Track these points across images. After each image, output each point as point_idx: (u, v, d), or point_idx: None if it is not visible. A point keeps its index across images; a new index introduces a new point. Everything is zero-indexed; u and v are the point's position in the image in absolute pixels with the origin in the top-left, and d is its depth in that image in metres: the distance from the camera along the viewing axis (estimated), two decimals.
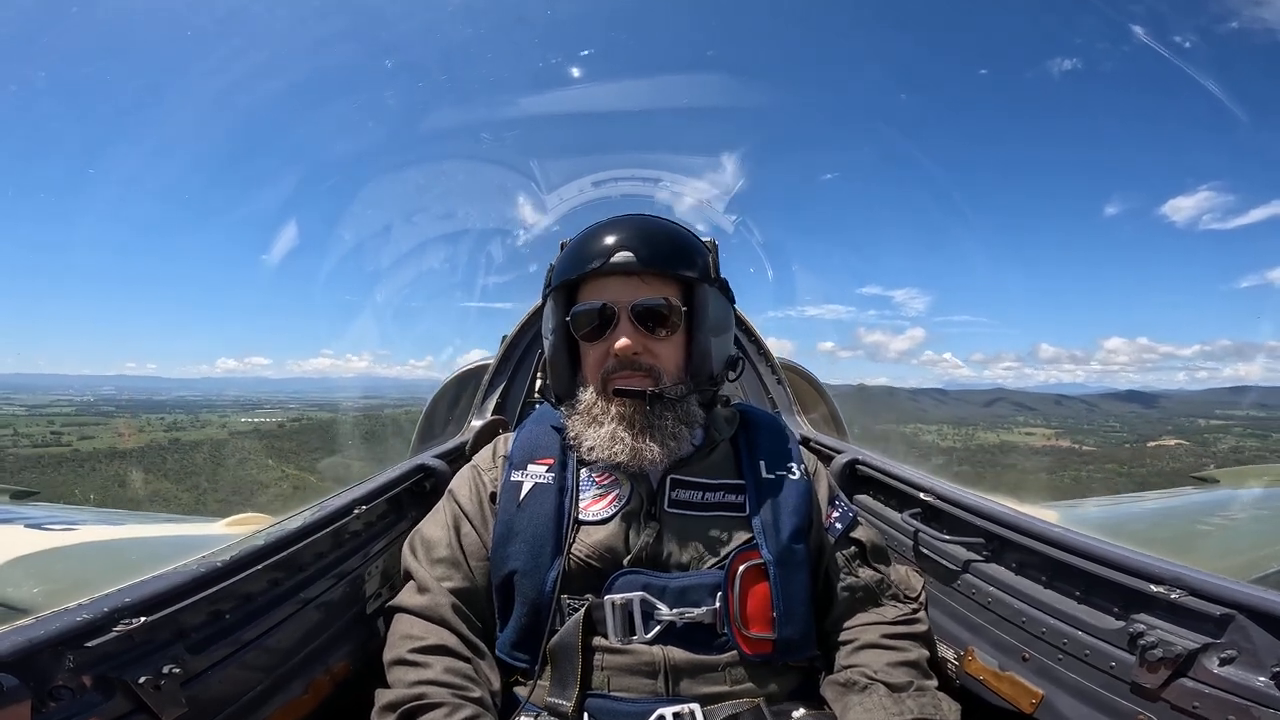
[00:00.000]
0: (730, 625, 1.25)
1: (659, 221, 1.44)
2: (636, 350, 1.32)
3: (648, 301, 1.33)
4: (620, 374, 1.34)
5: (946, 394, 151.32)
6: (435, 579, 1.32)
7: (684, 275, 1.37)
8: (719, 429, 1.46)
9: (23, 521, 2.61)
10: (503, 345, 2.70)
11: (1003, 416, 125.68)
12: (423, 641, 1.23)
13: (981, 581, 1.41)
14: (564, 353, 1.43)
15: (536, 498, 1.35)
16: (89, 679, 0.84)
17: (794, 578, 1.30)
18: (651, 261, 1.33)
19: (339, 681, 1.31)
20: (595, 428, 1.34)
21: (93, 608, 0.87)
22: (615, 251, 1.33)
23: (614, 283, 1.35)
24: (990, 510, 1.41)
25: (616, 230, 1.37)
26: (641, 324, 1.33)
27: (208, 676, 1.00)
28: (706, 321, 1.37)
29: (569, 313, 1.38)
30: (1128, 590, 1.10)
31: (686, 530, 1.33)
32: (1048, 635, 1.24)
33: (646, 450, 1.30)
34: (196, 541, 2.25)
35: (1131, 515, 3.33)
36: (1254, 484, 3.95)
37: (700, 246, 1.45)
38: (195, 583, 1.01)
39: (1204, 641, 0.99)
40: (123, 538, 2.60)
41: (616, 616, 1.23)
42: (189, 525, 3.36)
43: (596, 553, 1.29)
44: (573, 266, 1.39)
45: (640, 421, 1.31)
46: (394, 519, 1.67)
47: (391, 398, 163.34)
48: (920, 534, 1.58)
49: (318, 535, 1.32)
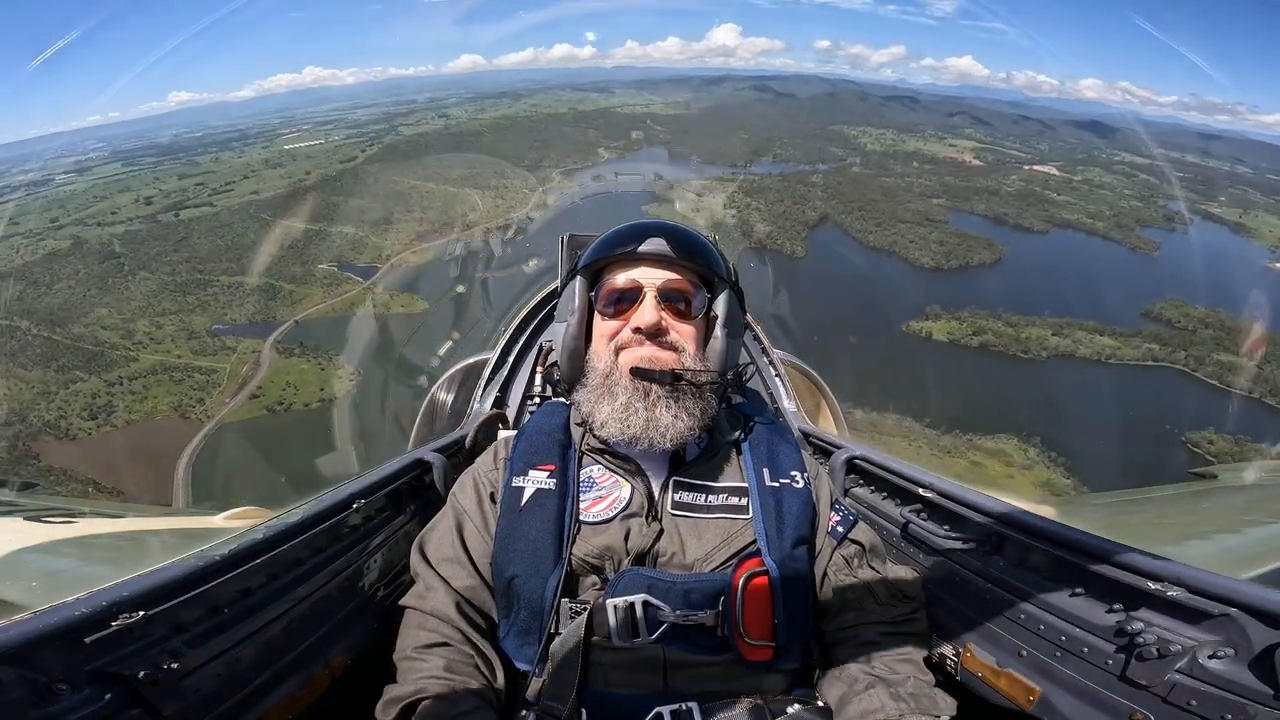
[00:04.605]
0: (732, 632, 1.25)
1: (687, 227, 1.51)
2: (660, 324, 1.36)
3: (674, 283, 1.39)
4: (640, 345, 1.36)
5: (916, 103, 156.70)
6: (440, 579, 1.34)
7: (709, 270, 1.43)
8: (722, 431, 1.48)
9: (22, 514, 2.55)
10: (502, 340, 2.78)
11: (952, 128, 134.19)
12: (428, 639, 1.26)
13: (979, 578, 1.41)
14: (582, 332, 1.47)
15: (538, 503, 1.35)
16: (88, 673, 0.85)
17: (796, 587, 1.32)
18: (681, 252, 1.39)
19: (338, 675, 1.31)
20: (609, 400, 1.35)
21: (91, 602, 0.87)
22: (647, 239, 1.39)
23: (643, 268, 1.40)
24: (988, 506, 1.40)
25: (648, 225, 1.44)
26: (666, 303, 1.38)
27: (206, 671, 1.00)
28: (723, 318, 1.43)
29: (593, 290, 1.45)
30: (1125, 587, 1.10)
31: (689, 532, 1.34)
32: (1045, 632, 1.24)
33: (660, 420, 1.32)
34: (195, 535, 2.31)
35: (1129, 511, 3.22)
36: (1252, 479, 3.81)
37: (722, 254, 1.51)
38: (194, 577, 1.02)
39: (1201, 638, 0.99)
40: (122, 531, 2.54)
41: (619, 620, 1.24)
42: (188, 519, 3.33)
43: (598, 554, 1.30)
44: (605, 249, 1.44)
45: (657, 392, 1.33)
46: (392, 513, 1.65)
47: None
48: (918, 529, 1.57)
49: (316, 530, 1.32)
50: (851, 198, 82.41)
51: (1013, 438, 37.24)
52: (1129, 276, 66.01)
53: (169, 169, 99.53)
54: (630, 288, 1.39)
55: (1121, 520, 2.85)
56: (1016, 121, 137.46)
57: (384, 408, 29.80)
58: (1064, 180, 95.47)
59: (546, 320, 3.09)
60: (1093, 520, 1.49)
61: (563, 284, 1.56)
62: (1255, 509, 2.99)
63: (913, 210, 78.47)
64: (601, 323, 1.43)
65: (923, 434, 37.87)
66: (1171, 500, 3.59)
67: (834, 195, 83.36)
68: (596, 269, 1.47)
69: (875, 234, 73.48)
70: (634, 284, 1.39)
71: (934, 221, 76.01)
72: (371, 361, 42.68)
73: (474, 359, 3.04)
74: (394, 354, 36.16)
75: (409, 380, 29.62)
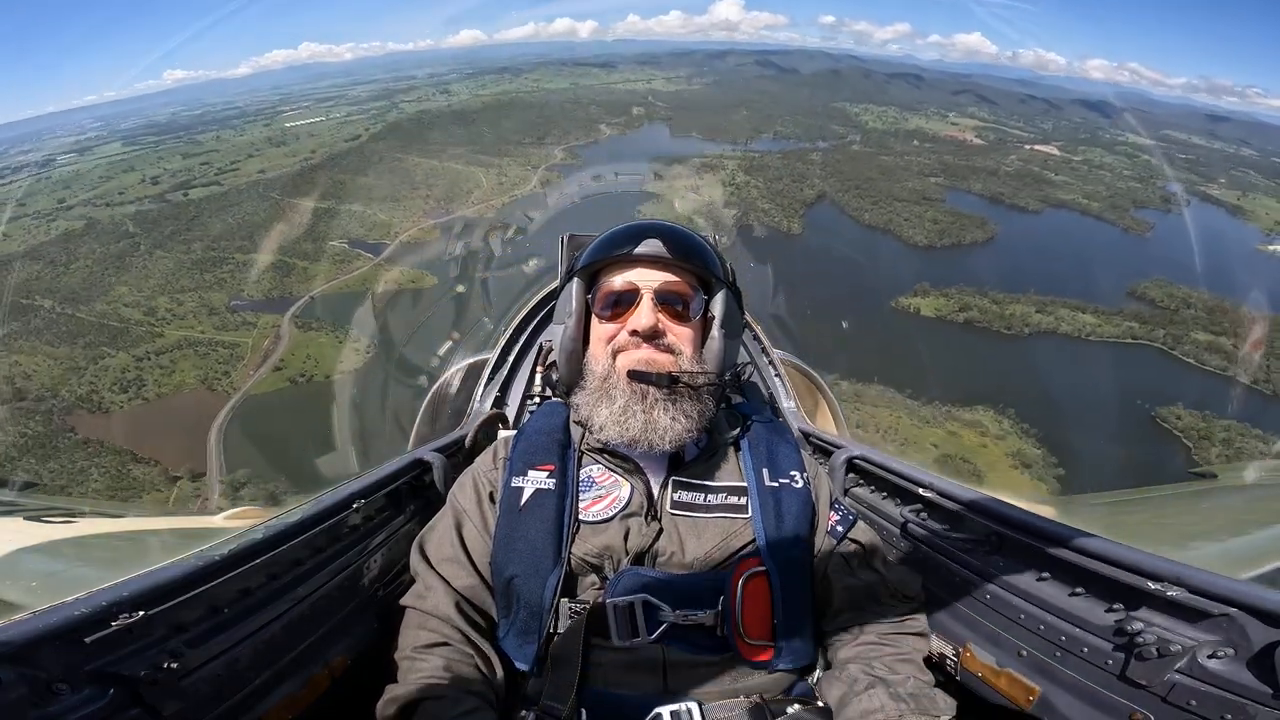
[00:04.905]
0: (731, 632, 1.26)
1: (684, 228, 1.51)
2: (657, 326, 1.36)
3: (671, 285, 1.39)
4: (637, 349, 1.36)
5: (921, 80, 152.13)
6: (440, 578, 1.34)
7: (706, 271, 1.42)
8: (721, 431, 1.48)
9: (22, 514, 2.57)
10: (502, 340, 2.78)
11: (956, 106, 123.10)
12: (428, 639, 1.26)
13: (979, 578, 1.41)
14: (580, 334, 1.47)
15: (537, 503, 1.35)
16: (88, 673, 0.85)
17: (796, 587, 1.32)
18: (677, 253, 1.39)
19: (338, 675, 1.31)
20: (607, 403, 1.36)
21: (91, 602, 0.87)
22: (644, 240, 1.39)
23: (639, 269, 1.40)
24: (988, 506, 1.39)
25: (645, 226, 1.44)
26: (664, 305, 1.38)
27: (206, 671, 1.00)
28: (721, 319, 1.42)
29: (590, 292, 1.44)
30: (1125, 587, 1.10)
31: (688, 532, 1.34)
32: (1045, 632, 1.24)
33: (659, 422, 1.32)
34: (195, 535, 2.29)
35: (1129, 511, 3.23)
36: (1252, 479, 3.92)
37: (719, 254, 1.50)
38: (194, 577, 1.02)
39: (1200, 638, 0.99)
40: (122, 531, 2.54)
41: (619, 619, 1.24)
42: (188, 519, 3.34)
43: (597, 554, 1.30)
44: (602, 251, 1.44)
45: (654, 395, 1.33)
46: (392, 513, 1.65)
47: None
48: (918, 529, 1.57)
49: (316, 530, 1.32)
50: (850, 176, 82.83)
51: (989, 409, 38.42)
52: (1119, 256, 66.45)
53: (171, 148, 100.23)
54: (627, 290, 1.39)
55: (1121, 520, 2.84)
56: (1023, 100, 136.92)
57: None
58: (1063, 160, 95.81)
59: (546, 320, 3.14)
60: (1093, 520, 1.47)
61: (561, 285, 1.56)
62: (1255, 509, 3.01)
63: (909, 189, 78.93)
64: (599, 325, 1.43)
65: (904, 404, 39.22)
66: (1171, 500, 3.63)
67: (832, 173, 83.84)
68: (594, 270, 1.47)
69: (871, 212, 74.00)
70: (631, 286, 1.39)
71: (930, 200, 76.47)
72: (383, 336, 44.12)
73: (474, 359, 3.06)
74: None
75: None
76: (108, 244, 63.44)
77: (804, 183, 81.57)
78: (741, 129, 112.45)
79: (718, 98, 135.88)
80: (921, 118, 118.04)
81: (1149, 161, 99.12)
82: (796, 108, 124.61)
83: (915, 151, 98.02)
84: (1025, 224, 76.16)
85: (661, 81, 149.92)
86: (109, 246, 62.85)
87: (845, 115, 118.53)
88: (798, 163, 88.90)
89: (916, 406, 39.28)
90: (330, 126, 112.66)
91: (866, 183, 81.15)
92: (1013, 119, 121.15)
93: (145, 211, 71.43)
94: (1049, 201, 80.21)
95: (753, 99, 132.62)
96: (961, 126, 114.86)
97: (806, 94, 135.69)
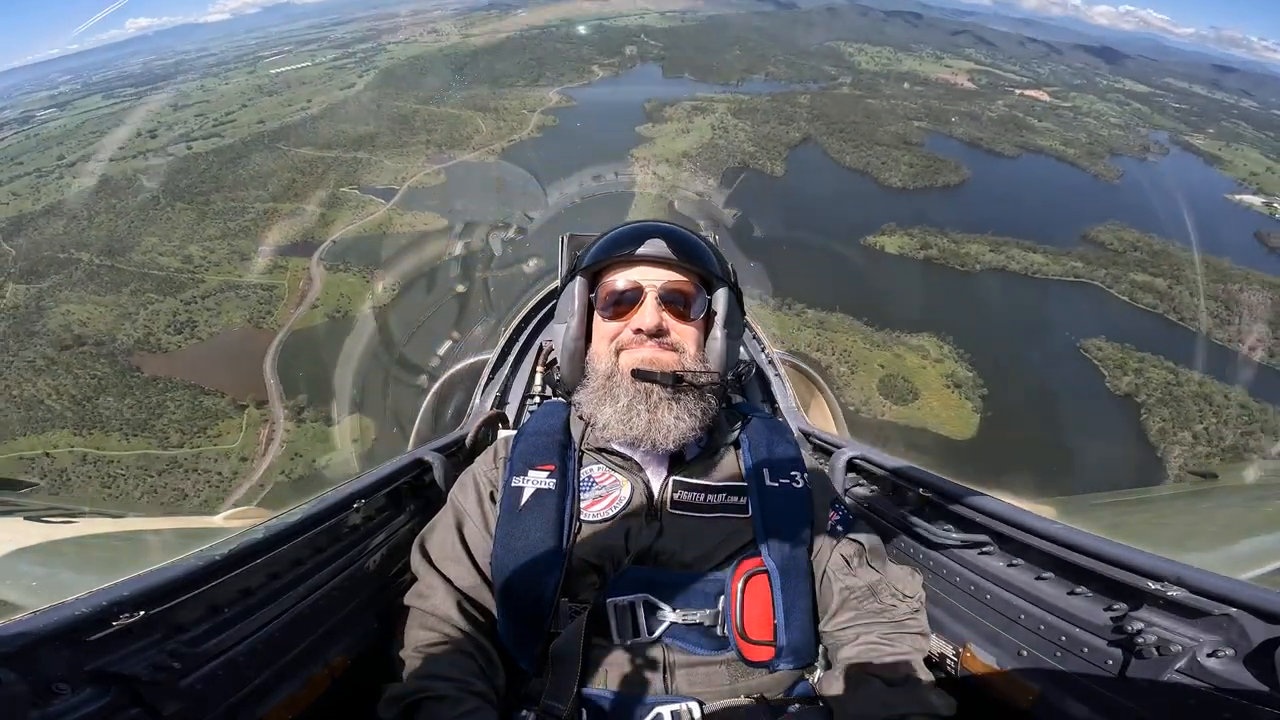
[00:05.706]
0: (732, 631, 1.26)
1: (686, 228, 1.52)
2: (661, 325, 1.37)
3: (675, 284, 1.39)
4: (641, 346, 1.37)
5: (920, 19, 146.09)
6: (440, 578, 1.35)
7: (708, 271, 1.43)
8: (722, 431, 1.48)
9: (22, 514, 2.53)
10: (502, 340, 2.77)
11: (953, 48, 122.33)
12: (428, 638, 1.27)
13: (979, 577, 1.41)
14: (583, 333, 1.48)
15: (537, 503, 1.35)
16: (88, 673, 0.85)
17: (796, 586, 1.32)
18: (680, 254, 1.40)
19: (338, 675, 1.31)
20: (610, 402, 1.36)
21: (91, 602, 0.87)
22: (646, 240, 1.40)
23: (642, 269, 1.41)
24: (988, 506, 1.40)
25: (648, 227, 1.45)
26: (666, 305, 1.39)
27: (206, 671, 1.00)
28: (723, 318, 1.44)
29: (592, 292, 1.46)
30: (1125, 587, 1.10)
31: (689, 532, 1.34)
32: (1045, 631, 1.24)
33: (663, 421, 1.32)
34: (195, 535, 2.28)
35: (1129, 511, 3.19)
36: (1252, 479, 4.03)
37: (721, 254, 1.52)
38: (194, 577, 1.02)
39: (1200, 637, 0.99)
40: (121, 531, 2.53)
41: (619, 619, 1.25)
42: (188, 519, 3.29)
43: (598, 553, 1.30)
44: (606, 251, 1.45)
45: (658, 393, 1.33)
46: (393, 513, 1.66)
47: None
48: (918, 529, 1.57)
49: (316, 530, 1.32)
50: (835, 119, 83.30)
51: (933, 336, 42.14)
52: (1081, 201, 67.97)
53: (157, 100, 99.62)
54: (630, 289, 1.40)
55: (1121, 520, 2.85)
56: (1023, 43, 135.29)
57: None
58: (1051, 106, 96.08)
59: (546, 320, 3.17)
60: (1093, 520, 1.44)
61: (562, 284, 1.57)
62: (1255, 509, 3.03)
63: (892, 133, 79.42)
64: (602, 324, 1.44)
65: (860, 330, 43.26)
66: (1171, 500, 3.69)
67: (818, 116, 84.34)
68: (596, 270, 1.48)
69: (851, 155, 74.96)
70: (634, 285, 1.40)
71: (910, 145, 77.14)
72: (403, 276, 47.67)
73: (474, 359, 3.05)
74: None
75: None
76: (125, 199, 66.43)
77: (790, 125, 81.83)
78: (733, 69, 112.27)
79: (712, 35, 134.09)
80: (916, 59, 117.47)
81: (1140, 109, 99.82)
82: (791, 46, 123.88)
83: (904, 95, 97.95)
84: (1000, 168, 77.37)
85: (655, 17, 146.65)
86: (126, 201, 66.13)
87: (838, 55, 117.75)
88: (786, 105, 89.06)
89: (870, 332, 43.21)
90: (319, 72, 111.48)
91: (851, 126, 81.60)
92: (1010, 62, 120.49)
93: (154, 166, 73.18)
94: (1027, 147, 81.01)
95: (747, 37, 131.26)
96: (955, 69, 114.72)
97: (801, 31, 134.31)
